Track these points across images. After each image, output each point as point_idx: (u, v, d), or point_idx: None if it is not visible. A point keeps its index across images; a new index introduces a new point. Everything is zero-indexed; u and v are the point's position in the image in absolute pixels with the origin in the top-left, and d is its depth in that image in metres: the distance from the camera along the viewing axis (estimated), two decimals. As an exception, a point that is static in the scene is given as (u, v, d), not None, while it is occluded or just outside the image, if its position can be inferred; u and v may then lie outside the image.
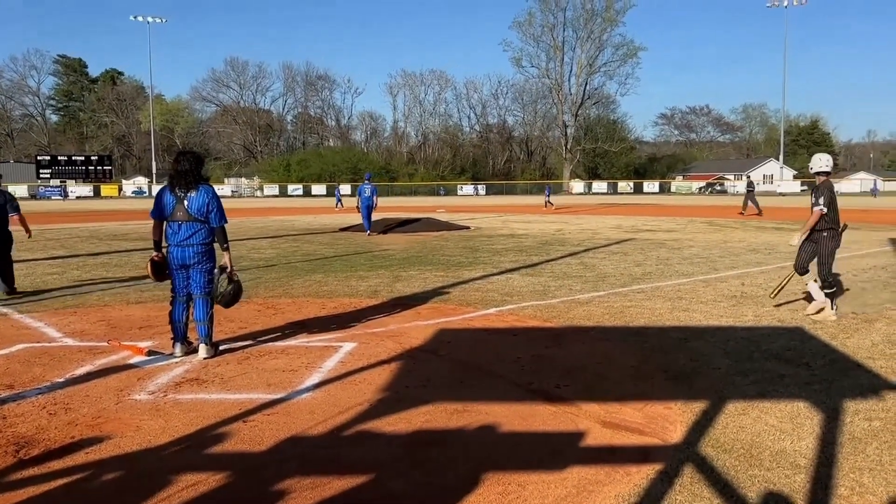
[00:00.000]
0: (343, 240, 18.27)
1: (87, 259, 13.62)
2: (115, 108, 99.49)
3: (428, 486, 3.43)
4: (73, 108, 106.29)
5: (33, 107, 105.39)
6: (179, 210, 5.77)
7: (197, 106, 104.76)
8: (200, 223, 5.84)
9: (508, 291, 9.33)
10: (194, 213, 5.79)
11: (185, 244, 5.81)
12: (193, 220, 5.80)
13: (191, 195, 5.80)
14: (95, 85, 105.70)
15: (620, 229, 21.85)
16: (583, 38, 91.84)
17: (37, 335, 6.78)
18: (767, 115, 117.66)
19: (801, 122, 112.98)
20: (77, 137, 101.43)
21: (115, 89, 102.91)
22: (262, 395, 4.86)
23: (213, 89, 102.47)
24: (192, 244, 5.83)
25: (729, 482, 3.44)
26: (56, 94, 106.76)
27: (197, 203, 5.80)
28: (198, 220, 5.82)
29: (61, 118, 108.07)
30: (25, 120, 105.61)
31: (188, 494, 3.32)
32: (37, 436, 4.09)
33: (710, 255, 13.78)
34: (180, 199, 5.79)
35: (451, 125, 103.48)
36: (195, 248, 5.85)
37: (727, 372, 5.41)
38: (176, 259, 5.83)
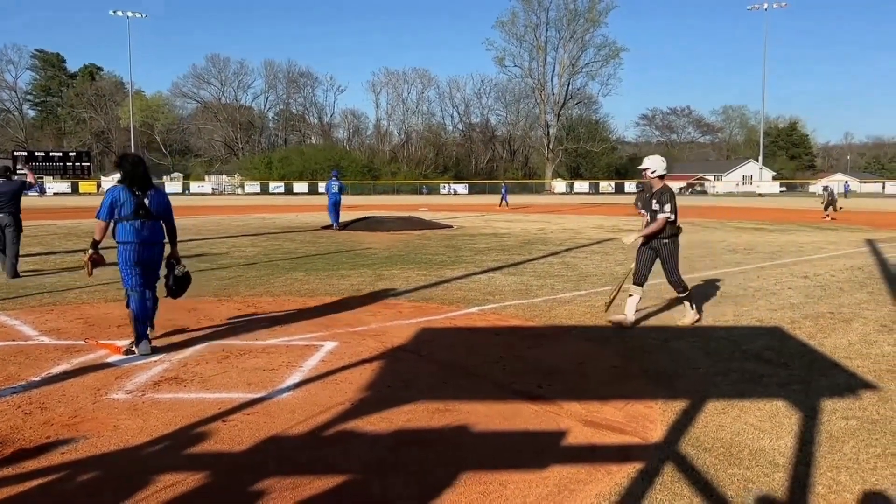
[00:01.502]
0: (324, 238, 18.19)
1: (64, 256, 13.44)
2: (93, 104, 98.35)
3: (409, 486, 3.41)
4: (50, 103, 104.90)
5: (10, 101, 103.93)
6: (142, 209, 5.88)
7: (177, 102, 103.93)
8: (160, 221, 6.04)
9: (491, 290, 9.33)
10: (157, 212, 5.99)
11: (150, 243, 5.95)
12: (156, 219, 5.99)
13: (150, 195, 5.97)
14: (74, 80, 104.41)
15: (602, 229, 21.96)
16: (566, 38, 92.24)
17: (12, 333, 6.67)
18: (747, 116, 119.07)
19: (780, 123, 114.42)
20: (55, 133, 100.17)
21: (94, 85, 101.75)
22: (241, 394, 4.82)
23: (193, 85, 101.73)
24: (157, 242, 6.03)
25: (709, 481, 3.46)
26: (33, 88, 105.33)
27: (157, 202, 6.01)
28: (158, 218, 6.01)
29: (39, 113, 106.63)
30: (2, 115, 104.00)
31: (166, 495, 3.28)
32: (11, 435, 4.03)
33: (690, 255, 13.86)
34: (140, 199, 5.89)
35: (434, 124, 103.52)
36: (160, 247, 6.08)
37: (707, 372, 5.45)
38: (141, 257, 5.90)
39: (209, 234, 19.13)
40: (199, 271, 11.11)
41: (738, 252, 14.63)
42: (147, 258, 5.95)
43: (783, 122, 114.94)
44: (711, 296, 8.92)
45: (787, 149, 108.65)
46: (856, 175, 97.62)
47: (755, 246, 15.99)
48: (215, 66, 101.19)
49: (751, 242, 16.97)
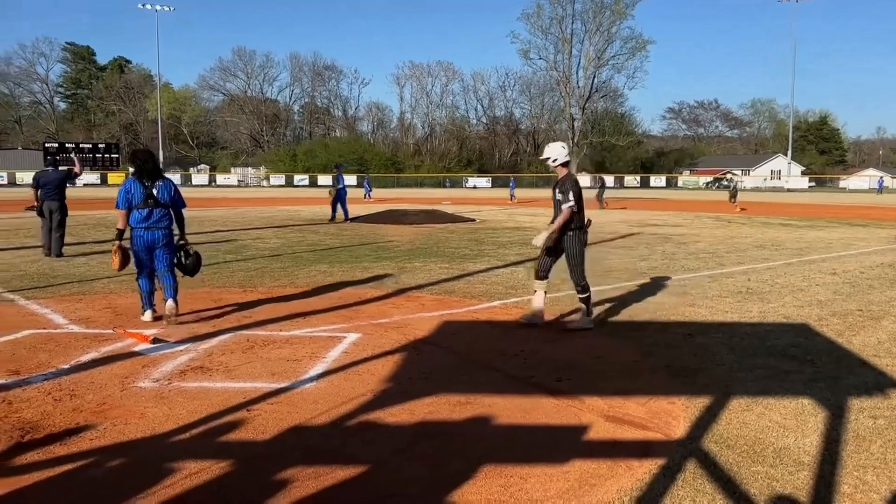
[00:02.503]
0: (348, 230, 18.27)
1: (93, 246, 13.65)
2: (122, 97, 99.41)
3: (430, 478, 3.43)
4: (80, 95, 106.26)
5: (42, 94, 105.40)
6: (150, 198, 6.67)
7: (204, 95, 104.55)
8: (166, 209, 6.79)
9: (513, 284, 9.32)
10: (164, 200, 6.74)
11: (154, 227, 6.71)
12: (161, 206, 6.74)
13: (158, 185, 6.76)
14: (103, 73, 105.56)
15: (626, 223, 21.80)
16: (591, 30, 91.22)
17: (43, 321, 6.81)
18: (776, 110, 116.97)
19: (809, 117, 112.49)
20: (85, 125, 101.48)
21: (123, 77, 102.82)
22: (266, 384, 4.87)
23: (220, 78, 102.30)
24: (161, 227, 6.75)
25: (731, 478, 3.44)
26: (64, 81, 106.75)
27: (164, 193, 6.77)
28: (165, 206, 6.76)
29: (69, 105, 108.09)
30: (34, 107, 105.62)
31: (191, 482, 3.33)
32: (42, 421, 4.11)
33: (716, 251, 13.74)
34: (149, 189, 6.68)
35: (458, 117, 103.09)
36: (163, 231, 6.77)
37: (731, 368, 5.40)
38: (144, 240, 6.70)
39: (235, 226, 19.31)
40: (225, 262, 11.23)
41: (765, 248, 14.45)
42: (152, 240, 6.71)
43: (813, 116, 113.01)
44: (737, 292, 8.83)
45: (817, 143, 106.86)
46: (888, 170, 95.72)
47: (782, 242, 15.78)
48: (241, 59, 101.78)
49: (778, 238, 16.75)
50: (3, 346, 5.79)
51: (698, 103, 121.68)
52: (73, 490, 3.25)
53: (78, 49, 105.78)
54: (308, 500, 3.18)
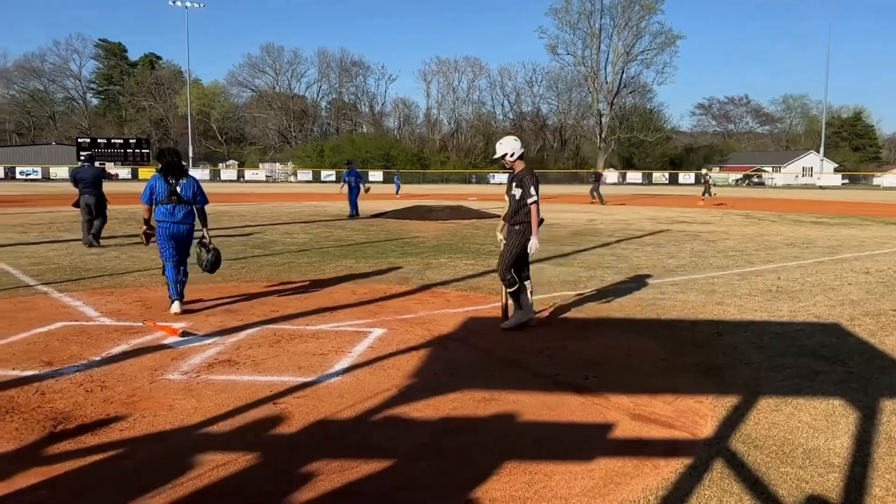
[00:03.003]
0: (374, 226, 18.35)
1: (124, 240, 13.86)
2: (153, 92, 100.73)
3: (455, 473, 3.43)
4: (112, 91, 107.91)
5: (75, 90, 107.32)
6: (173, 194, 7.03)
7: (233, 91, 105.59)
8: (190, 205, 7.14)
9: (539, 281, 9.27)
10: (187, 198, 7.09)
11: (180, 222, 7.09)
12: (185, 203, 7.09)
13: (182, 182, 7.11)
14: (135, 69, 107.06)
15: (654, 220, 21.61)
16: (620, 25, 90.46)
17: (75, 314, 6.93)
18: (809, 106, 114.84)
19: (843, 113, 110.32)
20: (116, 120, 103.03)
21: (154, 73, 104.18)
22: (292, 377, 4.91)
23: (249, 74, 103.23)
24: (186, 222, 7.14)
25: (759, 479, 3.40)
26: (97, 77, 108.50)
27: (188, 190, 7.12)
28: (188, 202, 7.11)
29: (101, 101, 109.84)
30: (67, 103, 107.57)
31: (218, 474, 3.37)
32: (73, 412, 4.19)
33: (745, 249, 13.57)
34: (172, 185, 7.04)
35: (485, 113, 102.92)
36: (187, 227, 7.16)
37: (760, 367, 5.33)
38: (171, 233, 7.05)
39: (262, 221, 19.49)
40: (253, 257, 11.34)
41: (796, 246, 14.23)
42: (176, 234, 7.07)
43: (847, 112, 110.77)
44: (767, 290, 8.70)
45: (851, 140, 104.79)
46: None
47: (814, 240, 15.52)
48: (270, 56, 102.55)
49: (809, 236, 16.49)
50: (37, 338, 5.91)
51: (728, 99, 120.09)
52: (103, 480, 3.31)
53: (110, 46, 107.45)
54: (333, 493, 3.20)
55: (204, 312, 7.02)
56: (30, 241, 13.65)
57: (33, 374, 4.92)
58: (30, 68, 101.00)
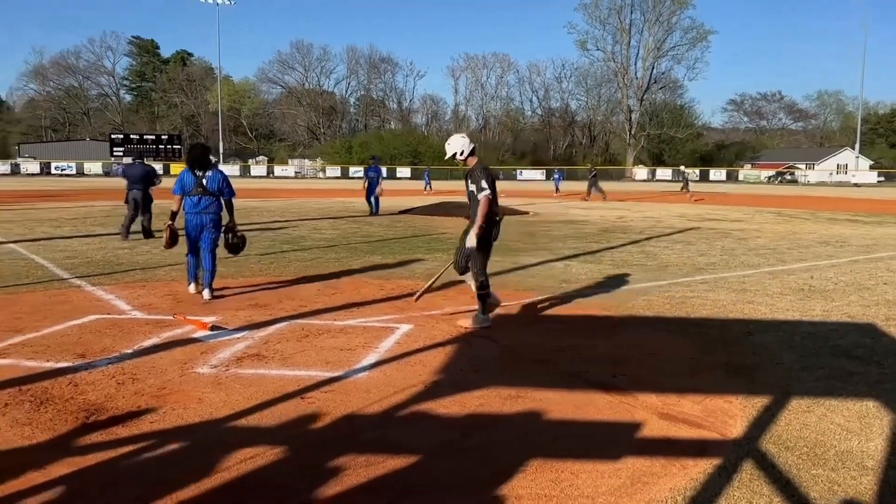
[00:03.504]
0: (402, 222, 18.39)
1: (156, 234, 14.05)
2: (184, 89, 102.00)
3: (480, 470, 3.43)
4: (145, 88, 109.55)
5: (108, 86, 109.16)
6: (199, 187, 7.44)
7: (263, 87, 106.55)
8: (215, 197, 7.53)
9: (567, 278, 9.24)
10: (212, 190, 7.48)
11: (203, 212, 7.50)
12: (209, 195, 7.49)
13: (208, 175, 7.50)
14: (167, 66, 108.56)
15: (684, 218, 21.37)
16: (651, 20, 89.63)
17: (108, 307, 7.05)
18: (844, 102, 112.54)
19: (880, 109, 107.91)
20: (148, 117, 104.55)
21: (185, 70, 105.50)
22: (320, 372, 4.95)
23: (278, 71, 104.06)
24: (209, 212, 7.52)
25: (790, 480, 3.34)
26: (130, 74, 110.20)
27: (213, 181, 7.49)
28: (213, 194, 7.50)
29: (134, 98, 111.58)
30: (101, 99, 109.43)
31: (246, 467, 3.41)
32: (105, 403, 4.26)
33: (777, 247, 13.36)
34: (199, 178, 7.45)
35: (513, 109, 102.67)
36: (210, 216, 7.53)
37: (792, 367, 5.25)
38: (194, 223, 7.51)
39: (291, 217, 19.64)
40: (282, 252, 11.43)
41: (830, 244, 13.98)
42: (200, 224, 7.51)
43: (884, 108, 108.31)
44: (799, 289, 8.56)
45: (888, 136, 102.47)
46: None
47: (848, 238, 15.23)
48: (299, 52, 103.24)
49: (844, 234, 16.18)
50: (70, 331, 6.02)
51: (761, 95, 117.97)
52: (133, 471, 3.36)
53: (143, 43, 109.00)
54: (359, 488, 3.22)
55: (233, 307, 7.10)
56: (64, 235, 13.91)
57: (67, 365, 5.01)
58: (65, 65, 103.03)
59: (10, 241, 12.66)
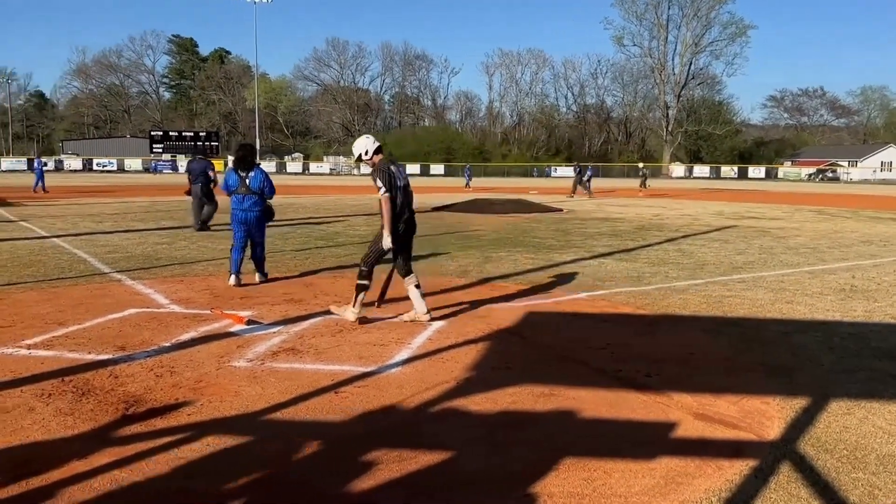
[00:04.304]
0: (435, 219, 18.42)
1: (194, 231, 14.29)
2: (222, 87, 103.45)
3: (511, 468, 3.43)
4: (184, 85, 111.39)
5: (149, 84, 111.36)
6: (243, 186, 7.95)
7: (299, 85, 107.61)
8: (257, 195, 8.02)
9: (601, 276, 9.17)
10: (254, 188, 7.98)
11: (248, 210, 8.02)
12: (252, 193, 7.99)
13: (251, 175, 8.01)
14: (205, 64, 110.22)
15: (722, 216, 21.05)
16: (689, 15, 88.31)
17: (147, 301, 7.19)
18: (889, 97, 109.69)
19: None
20: (187, 114, 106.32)
21: (223, 68, 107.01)
22: (353, 367, 4.99)
23: (314, 69, 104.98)
24: (254, 210, 8.05)
25: (829, 484, 3.28)
26: (169, 72, 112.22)
27: (255, 180, 8.01)
28: (256, 192, 7.99)
29: (173, 95, 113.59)
30: (141, 97, 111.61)
31: (281, 459, 3.45)
32: (144, 395, 4.35)
33: (818, 246, 13.09)
34: (243, 178, 7.96)
35: (548, 105, 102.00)
36: (255, 213, 8.06)
37: (831, 369, 5.14)
38: (240, 220, 8.03)
39: (326, 213, 19.81)
40: (317, 248, 11.54)
41: (873, 243, 13.65)
42: (244, 219, 8.03)
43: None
44: (840, 289, 8.38)
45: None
46: None
47: (892, 237, 14.85)
48: (335, 50, 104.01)
49: (887, 234, 15.78)
50: (111, 324, 6.16)
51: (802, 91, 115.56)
52: (170, 462, 3.42)
53: (182, 41, 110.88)
54: (392, 482, 3.24)
55: (269, 302, 7.19)
56: (105, 230, 14.21)
57: (108, 357, 5.13)
58: (107, 64, 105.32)
59: (53, 236, 12.98)
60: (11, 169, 68.42)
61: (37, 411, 4.04)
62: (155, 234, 13.65)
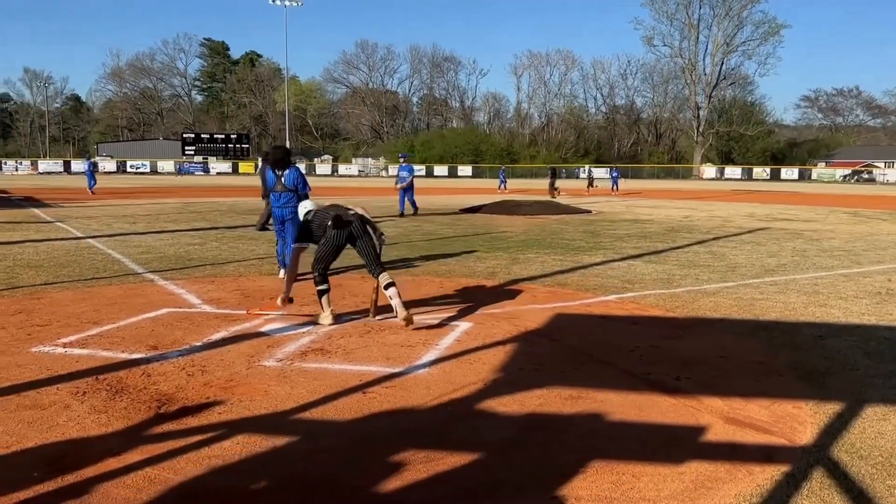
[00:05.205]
0: (463, 220, 18.42)
1: (225, 231, 14.47)
2: (253, 89, 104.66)
3: (539, 470, 3.42)
4: (215, 88, 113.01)
5: (181, 87, 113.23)
6: (279, 184, 8.44)
7: (328, 87, 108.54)
8: (292, 192, 8.45)
9: (630, 278, 9.10)
10: (289, 185, 8.44)
11: (283, 206, 8.53)
12: (288, 191, 8.46)
13: (285, 173, 8.45)
14: (236, 67, 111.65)
15: (754, 217, 20.76)
16: (720, 15, 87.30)
17: (179, 301, 7.30)
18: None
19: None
20: (218, 116, 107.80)
21: (254, 71, 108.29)
22: (381, 368, 5.01)
23: (343, 71, 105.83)
24: (288, 207, 8.45)
25: (864, 491, 3.22)
26: (201, 75, 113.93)
27: (290, 178, 8.46)
28: (291, 190, 8.44)
29: (205, 98, 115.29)
30: (173, 100, 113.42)
31: (309, 459, 3.48)
32: (176, 394, 4.42)
33: (853, 248, 12.84)
34: (279, 176, 8.43)
35: (576, 106, 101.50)
36: (290, 210, 8.42)
37: (867, 373, 5.04)
38: (277, 217, 8.65)
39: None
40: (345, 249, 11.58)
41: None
42: (282, 217, 8.58)
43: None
44: (875, 293, 8.21)
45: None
46: None
47: (930, 240, 14.51)
48: (364, 52, 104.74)
49: (925, 236, 15.43)
50: (144, 323, 6.27)
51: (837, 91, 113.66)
52: (202, 460, 3.47)
53: (214, 44, 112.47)
54: (419, 484, 3.25)
55: (298, 302, 7.24)
56: (138, 231, 14.45)
57: (141, 356, 5.22)
58: (140, 67, 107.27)
59: (88, 237, 13.24)
60: (48, 171, 69.90)
61: (72, 409, 4.13)
62: (187, 234, 13.84)
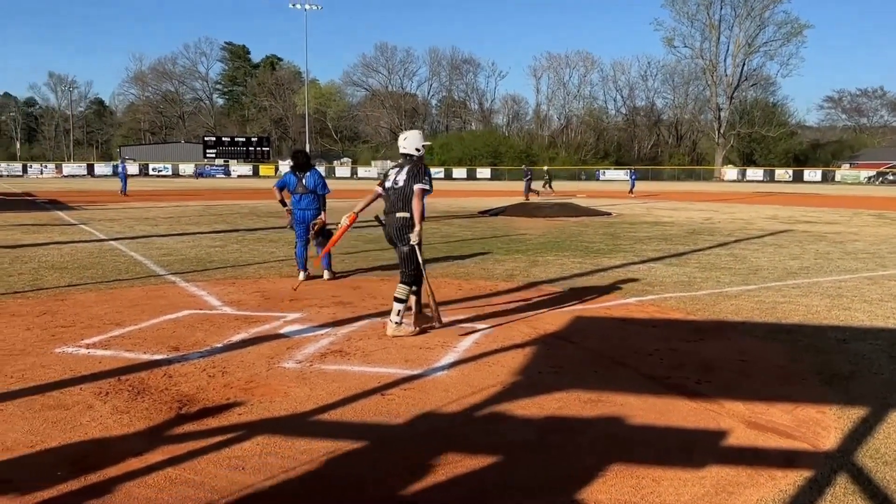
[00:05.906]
0: (481, 223, 18.41)
1: (245, 234, 14.58)
2: (273, 93, 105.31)
3: (558, 473, 3.41)
4: (236, 92, 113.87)
5: (202, 91, 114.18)
6: (300, 186, 8.70)
7: (348, 90, 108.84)
8: (313, 194, 8.74)
9: (650, 281, 9.04)
10: (310, 188, 8.71)
11: (304, 209, 8.76)
12: (308, 192, 8.73)
13: (306, 175, 8.76)
14: (256, 70, 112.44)
15: (776, 220, 20.54)
16: (742, 15, 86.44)
17: (200, 303, 7.36)
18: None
19: None
20: (239, 120, 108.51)
21: (274, 74, 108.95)
22: (400, 370, 5.02)
23: (363, 74, 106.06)
24: (310, 209, 8.75)
25: (889, 497, 3.17)
26: (222, 79, 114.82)
27: (311, 180, 8.75)
28: (311, 191, 8.72)
29: (226, 101, 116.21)
30: (195, 103, 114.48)
31: (328, 460, 3.50)
32: (197, 395, 4.46)
33: (877, 251, 12.66)
34: (300, 178, 8.73)
35: (596, 108, 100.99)
36: (311, 212, 8.74)
37: (892, 378, 4.97)
38: (298, 218, 8.81)
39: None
40: (365, 251, 11.65)
41: (937, 249, 13.13)
42: (302, 218, 8.77)
43: None
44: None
45: None
46: None
47: (958, 242, 14.27)
48: (383, 55, 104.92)
49: (952, 238, 15.17)
50: (166, 325, 6.33)
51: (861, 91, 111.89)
52: (223, 461, 3.50)
53: (234, 48, 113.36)
54: (438, 486, 3.25)
55: (317, 304, 7.29)
56: (160, 234, 14.60)
57: (162, 357, 5.27)
58: (162, 71, 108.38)
59: (111, 239, 13.40)
60: (72, 174, 70.83)
61: (95, 409, 4.18)
62: (208, 237, 13.96)
